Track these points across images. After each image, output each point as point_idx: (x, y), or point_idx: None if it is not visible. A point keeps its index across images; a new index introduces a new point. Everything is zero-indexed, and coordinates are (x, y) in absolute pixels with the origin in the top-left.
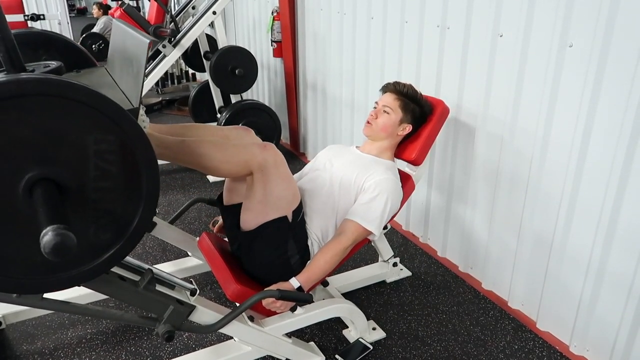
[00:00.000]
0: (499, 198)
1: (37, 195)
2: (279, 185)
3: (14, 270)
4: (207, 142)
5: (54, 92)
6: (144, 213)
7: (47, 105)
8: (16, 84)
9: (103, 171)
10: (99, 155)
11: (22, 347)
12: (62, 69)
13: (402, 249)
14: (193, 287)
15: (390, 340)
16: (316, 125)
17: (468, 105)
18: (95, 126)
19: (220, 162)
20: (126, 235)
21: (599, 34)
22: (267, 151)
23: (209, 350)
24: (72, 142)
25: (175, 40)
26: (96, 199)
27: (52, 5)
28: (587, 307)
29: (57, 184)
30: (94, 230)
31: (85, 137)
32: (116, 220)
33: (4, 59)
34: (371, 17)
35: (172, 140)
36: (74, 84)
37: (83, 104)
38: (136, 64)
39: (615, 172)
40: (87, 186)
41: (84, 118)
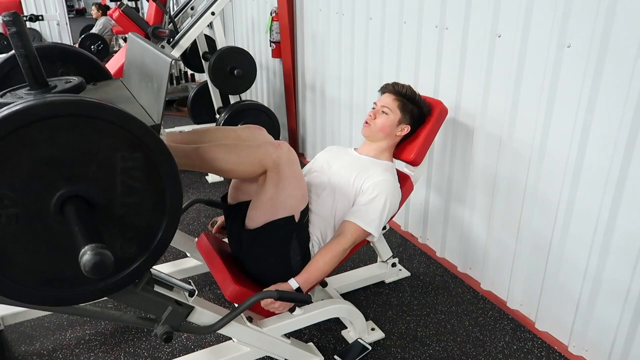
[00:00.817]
0: (497, 198)
1: (69, 212)
2: (291, 184)
3: (44, 283)
4: (221, 146)
5: (85, 113)
6: (167, 226)
7: (78, 125)
8: (50, 105)
9: (129, 187)
10: (125, 172)
11: (20, 348)
12: (83, 84)
13: (401, 249)
14: (192, 288)
15: (389, 341)
16: (315, 126)
17: (466, 105)
18: (122, 144)
19: (235, 164)
20: (150, 248)
21: (597, 34)
22: (281, 149)
23: (207, 351)
24: (101, 160)
25: (174, 41)
26: (122, 214)
27: (51, 6)
28: (585, 308)
29: (87, 201)
30: (120, 244)
31: (113, 155)
32: (141, 234)
33: (28, 76)
34: (370, 18)
35: (187, 148)
36: (104, 105)
37: (112, 124)
38: (157, 81)
39: (613, 172)
40: (114, 202)
41: (113, 137)
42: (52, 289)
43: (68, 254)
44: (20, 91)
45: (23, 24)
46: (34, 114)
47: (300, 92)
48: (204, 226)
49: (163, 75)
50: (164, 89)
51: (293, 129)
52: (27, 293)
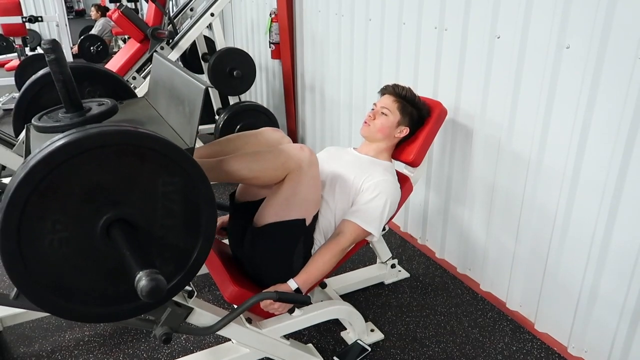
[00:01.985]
0: (496, 199)
1: (116, 235)
2: (309, 188)
3: (89, 301)
4: (244, 155)
5: (132, 142)
6: (202, 246)
7: (124, 153)
8: (100, 136)
9: (168, 210)
10: (165, 196)
11: (19, 349)
12: (116, 107)
13: (401, 250)
14: (191, 289)
15: (389, 342)
16: (314, 127)
17: (466, 106)
18: (164, 170)
19: (260, 171)
20: (186, 267)
21: (596, 35)
22: (304, 152)
23: (206, 353)
24: (144, 185)
25: (173, 42)
26: (162, 235)
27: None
28: (584, 309)
29: (130, 224)
30: (158, 263)
31: (155, 180)
32: (178, 254)
33: (65, 100)
34: (369, 19)
35: (212, 162)
36: (149, 134)
37: (155, 151)
38: (189, 106)
39: (613, 171)
40: (154, 224)
41: (155, 163)
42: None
43: (113, 274)
44: (57, 113)
45: (62, 51)
46: (85, 145)
47: (299, 93)
48: None
49: (197, 101)
50: (198, 114)
51: (292, 130)
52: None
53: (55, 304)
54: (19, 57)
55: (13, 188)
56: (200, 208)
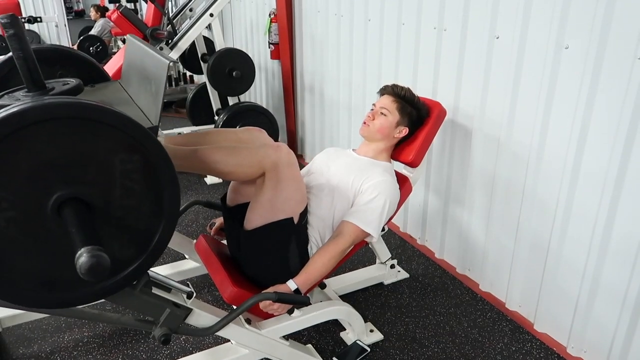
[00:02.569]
0: (496, 200)
1: (66, 214)
2: (290, 186)
3: (42, 286)
4: (220, 148)
5: (82, 116)
6: (165, 229)
7: (75, 127)
8: (46, 108)
9: (128, 190)
10: (124, 174)
11: (18, 350)
12: (81, 86)
13: (400, 250)
14: (190, 290)
15: (388, 342)
16: (314, 127)
17: (465, 107)
18: (121, 147)
19: (234, 166)
20: (148, 251)
21: (595, 35)
22: (280, 151)
23: (206, 353)
24: (99, 162)
25: (173, 42)
26: (121, 217)
27: (50, 7)
28: (584, 309)
29: (85, 203)
30: (118, 246)
31: (112, 157)
32: (139, 236)
33: (26, 78)
34: (368, 20)
35: (186, 150)
36: (102, 107)
37: (110, 126)
38: (155, 84)
39: (611, 174)
40: (112, 204)
41: (111, 139)
42: (50, 291)
43: (66, 257)
44: (18, 93)
45: (21, 26)
46: (30, 117)
47: (299, 93)
48: (202, 228)
49: (161, 77)
50: (162, 90)
51: (292, 131)
52: (26, 296)
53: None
54: None
55: None
56: (163, 188)
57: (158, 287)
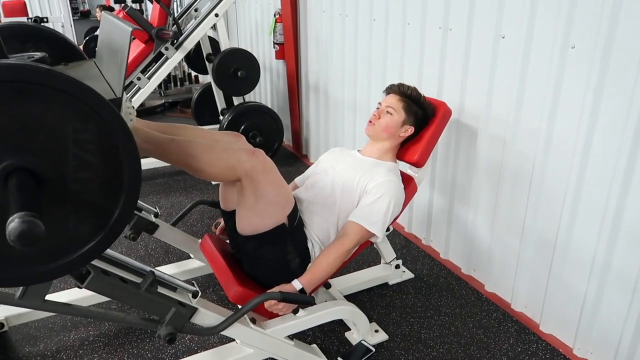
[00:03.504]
0: (501, 199)
1: (11, 185)
2: (270, 192)
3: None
4: (196, 143)
5: (30, 79)
6: (125, 205)
7: (22, 92)
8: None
9: (83, 161)
10: (78, 145)
11: (24, 349)
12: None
13: (405, 251)
14: (195, 289)
15: (393, 343)
16: (318, 127)
17: (470, 106)
18: (73, 115)
19: (207, 164)
20: (107, 228)
21: (602, 35)
22: (255, 157)
23: (211, 353)
24: (50, 131)
25: (178, 42)
26: (75, 190)
27: (56, 7)
28: (590, 309)
29: (34, 174)
30: (73, 222)
31: (64, 126)
32: (96, 212)
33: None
34: (373, 19)
35: (161, 137)
36: (51, 70)
37: (61, 92)
38: (120, 53)
39: (618, 173)
40: (66, 177)
41: (62, 106)
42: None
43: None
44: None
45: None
46: None
47: (303, 93)
48: (207, 227)
49: (124, 46)
50: (125, 59)
51: (296, 131)
52: None
53: None
54: None
55: None
56: (123, 162)
57: (163, 286)
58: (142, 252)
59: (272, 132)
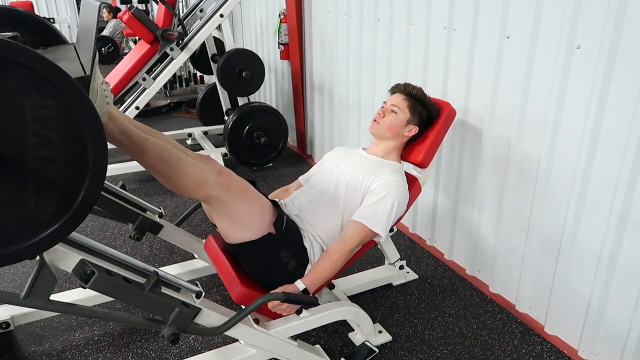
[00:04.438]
0: (506, 200)
1: None
2: (242, 208)
3: None
4: (171, 151)
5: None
6: (90, 185)
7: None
8: None
9: (43, 139)
10: (38, 121)
11: (30, 348)
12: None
13: (409, 251)
14: (199, 290)
15: (397, 344)
16: (323, 127)
17: (475, 107)
18: (33, 89)
19: (178, 175)
20: (71, 209)
21: (607, 35)
22: (222, 178)
23: (214, 353)
24: (7, 105)
25: (183, 43)
26: (36, 169)
27: (62, 8)
28: (596, 310)
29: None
30: (34, 203)
31: (22, 101)
32: (59, 192)
33: None
34: (378, 20)
35: (138, 134)
36: (9, 42)
37: (18, 64)
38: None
39: (624, 174)
40: (25, 155)
41: (21, 80)
42: None
43: None
44: None
45: None
46: None
47: (308, 93)
48: (211, 228)
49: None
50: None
51: (301, 131)
52: None
53: None
54: None
55: None
56: (87, 140)
57: (167, 286)
58: (146, 252)
59: (276, 132)
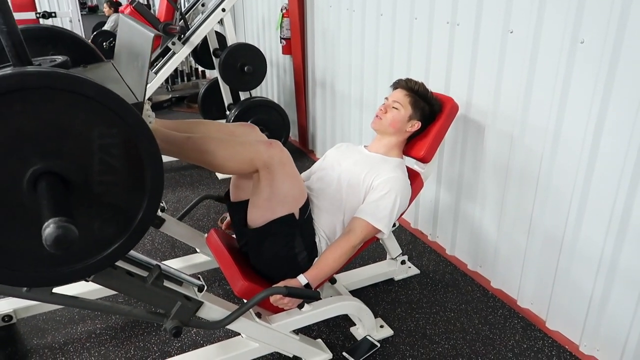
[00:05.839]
0: (508, 196)
1: (40, 188)
2: (285, 183)
3: (19, 263)
4: (213, 139)
5: (57, 85)
6: (148, 207)
7: (51, 98)
8: (20, 77)
9: (107, 165)
10: (103, 149)
11: (32, 341)
12: (68, 63)
13: (411, 246)
14: (201, 284)
15: (398, 338)
16: (325, 122)
17: (478, 102)
18: (99, 120)
19: (225, 159)
20: (130, 229)
21: (612, 29)
22: (273, 149)
23: (216, 347)
24: (77, 135)
25: (185, 37)
26: (100, 193)
27: (64, 2)
28: (597, 306)
29: (62, 178)
30: (98, 224)
31: (90, 130)
32: (120, 214)
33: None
34: (380, 14)
35: (177, 136)
36: (78, 77)
37: (87, 98)
38: (141, 59)
39: (627, 169)
40: (91, 180)
41: (88, 112)
42: (28, 270)
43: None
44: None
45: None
46: (3, 85)
47: (310, 88)
48: (213, 222)
49: (146, 51)
50: (147, 65)
51: (303, 126)
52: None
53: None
54: None
55: None
56: (145, 164)
57: (170, 280)
58: (148, 246)
59: (278, 127)
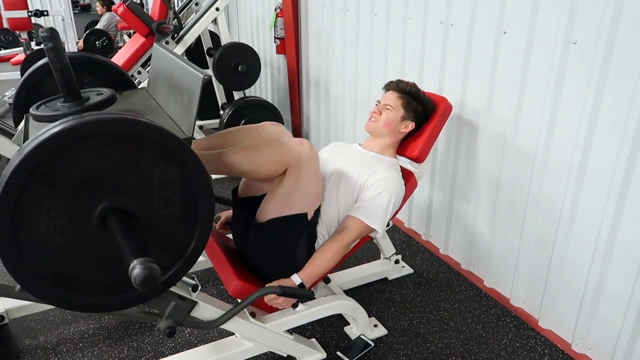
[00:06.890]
0: (501, 196)
1: (111, 224)
2: (310, 181)
3: (86, 290)
4: (243, 149)
5: (128, 130)
6: (199, 237)
7: (120, 141)
8: (96, 124)
9: (165, 199)
10: (162, 185)
11: (25, 341)
12: (115, 96)
13: (404, 246)
14: (195, 283)
15: (392, 337)
16: (319, 122)
17: (471, 102)
18: (161, 159)
19: (259, 164)
20: (184, 258)
21: (604, 31)
22: (303, 146)
23: (210, 346)
24: (140, 174)
25: (178, 36)
26: (159, 225)
27: (56, 1)
28: (589, 305)
29: (127, 213)
30: (156, 253)
31: (152, 169)
32: (175, 244)
33: (63, 89)
34: (374, 14)
35: (212, 154)
36: (147, 122)
37: (152, 140)
38: (188, 96)
39: (619, 169)
40: (151, 214)
41: (153, 152)
42: (93, 296)
43: (109, 264)
44: (54, 103)
45: (59, 39)
46: (80, 133)
47: (304, 88)
48: None
49: (195, 90)
50: (196, 104)
51: (297, 126)
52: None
53: (52, 293)
54: (24, 51)
55: (7, 175)
56: (198, 198)
57: None
58: None
59: None
